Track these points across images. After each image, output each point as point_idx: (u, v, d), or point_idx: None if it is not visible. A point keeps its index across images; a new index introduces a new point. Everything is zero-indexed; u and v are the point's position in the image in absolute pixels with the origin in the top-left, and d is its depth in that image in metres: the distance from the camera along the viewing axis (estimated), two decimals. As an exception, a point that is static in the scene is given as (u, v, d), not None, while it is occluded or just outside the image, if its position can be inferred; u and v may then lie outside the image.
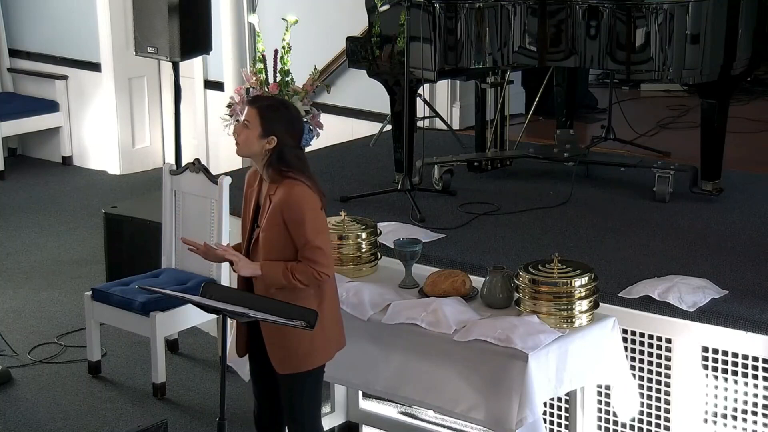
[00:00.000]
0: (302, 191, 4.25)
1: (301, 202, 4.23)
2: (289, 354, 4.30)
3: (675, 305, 4.89)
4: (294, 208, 4.23)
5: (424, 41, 6.29)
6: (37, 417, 5.71)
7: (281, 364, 4.32)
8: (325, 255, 4.27)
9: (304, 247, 4.23)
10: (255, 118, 4.27)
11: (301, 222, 4.22)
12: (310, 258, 4.23)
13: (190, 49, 7.29)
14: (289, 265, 4.23)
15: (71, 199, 9.03)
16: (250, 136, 4.27)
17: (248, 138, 4.28)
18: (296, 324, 4.04)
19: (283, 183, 4.26)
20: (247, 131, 4.27)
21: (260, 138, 4.26)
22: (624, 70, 6.24)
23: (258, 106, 4.29)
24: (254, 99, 4.42)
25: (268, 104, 4.32)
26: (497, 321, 4.47)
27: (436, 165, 6.63)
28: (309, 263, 4.23)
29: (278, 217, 4.24)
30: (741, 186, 6.52)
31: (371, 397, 5.53)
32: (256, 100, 4.38)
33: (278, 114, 4.30)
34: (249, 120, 4.27)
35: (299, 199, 4.23)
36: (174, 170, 6.22)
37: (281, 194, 4.24)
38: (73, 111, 9.85)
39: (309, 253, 4.23)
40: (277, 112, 4.30)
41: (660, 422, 5.02)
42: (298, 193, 4.24)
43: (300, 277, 4.23)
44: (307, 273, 4.23)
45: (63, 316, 6.86)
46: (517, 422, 4.29)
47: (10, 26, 10.10)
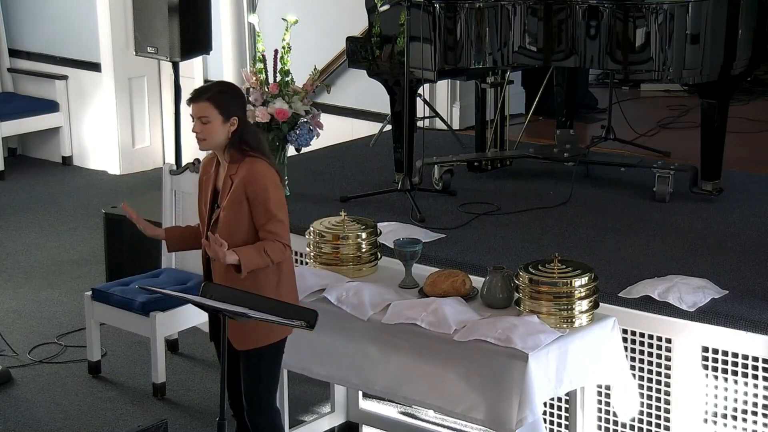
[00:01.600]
0: (264, 167, 4.36)
1: (265, 178, 4.34)
2: (247, 330, 4.35)
3: (675, 305, 4.89)
4: (258, 183, 4.32)
5: (424, 41, 6.29)
6: (37, 417, 5.71)
7: (240, 340, 4.39)
8: (287, 229, 4.38)
9: (268, 222, 4.32)
10: (209, 109, 4.31)
11: (266, 196, 4.32)
12: (274, 231, 4.32)
13: (190, 49, 7.29)
14: (259, 244, 4.31)
15: (71, 199, 9.03)
16: (213, 128, 4.33)
17: (212, 130, 4.33)
18: (296, 324, 4.04)
19: (244, 161, 4.35)
20: (208, 125, 4.32)
21: (223, 124, 4.33)
22: (624, 70, 6.24)
23: (206, 98, 4.32)
24: (197, 94, 4.38)
25: (216, 91, 4.36)
26: (497, 321, 4.47)
27: (436, 165, 6.63)
28: (275, 237, 4.32)
29: (241, 194, 4.32)
30: (741, 186, 6.52)
31: (371, 397, 5.53)
32: (199, 94, 4.37)
33: (229, 96, 4.39)
34: (204, 114, 4.32)
35: (263, 175, 4.33)
36: (174, 170, 6.22)
37: (244, 172, 4.32)
38: (73, 111, 9.86)
39: (273, 226, 4.32)
40: (227, 94, 4.38)
41: (660, 422, 5.02)
42: (261, 169, 4.34)
43: (271, 253, 4.31)
44: (275, 248, 4.32)
45: (63, 316, 6.86)
46: (517, 422, 4.29)
47: (10, 26, 10.10)
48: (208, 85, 4.48)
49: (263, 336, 4.42)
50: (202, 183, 4.53)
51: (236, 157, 4.37)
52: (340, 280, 4.88)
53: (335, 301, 4.73)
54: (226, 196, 4.36)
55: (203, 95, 4.34)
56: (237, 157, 4.37)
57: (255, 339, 4.42)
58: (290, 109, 6.33)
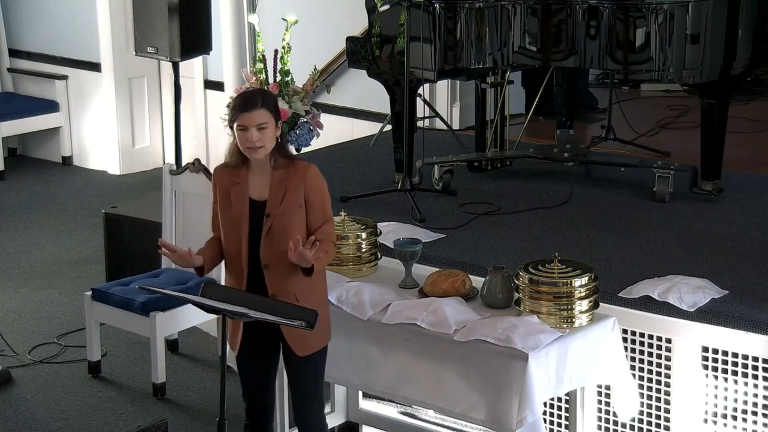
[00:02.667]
0: (318, 171, 4.36)
1: (321, 181, 4.36)
2: (308, 335, 4.33)
3: (675, 305, 4.89)
4: (317, 186, 4.33)
5: (424, 41, 6.29)
6: (37, 417, 5.72)
7: (303, 346, 4.37)
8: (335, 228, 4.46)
9: (325, 224, 4.34)
10: (267, 115, 4.25)
11: (324, 199, 4.35)
12: (329, 232, 4.36)
13: (190, 49, 7.29)
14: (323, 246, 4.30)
15: (71, 199, 9.03)
16: (270, 134, 4.26)
17: (270, 136, 4.26)
18: (296, 324, 4.04)
19: (294, 166, 4.32)
20: (266, 132, 4.24)
21: (275, 129, 4.29)
22: (624, 70, 6.24)
23: (262, 104, 4.24)
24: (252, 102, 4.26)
25: (264, 96, 4.31)
26: (497, 321, 4.47)
27: (436, 165, 6.63)
28: (330, 238, 4.35)
29: (300, 198, 4.28)
30: (741, 186, 6.52)
31: (371, 397, 5.53)
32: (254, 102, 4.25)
33: (273, 100, 4.35)
34: (264, 121, 4.23)
35: (320, 178, 4.35)
36: (174, 170, 6.22)
37: (300, 176, 4.29)
38: (73, 111, 9.86)
39: (328, 227, 4.35)
40: (271, 98, 4.34)
41: (660, 422, 5.02)
42: (317, 172, 4.34)
43: (330, 253, 4.37)
44: (331, 248, 4.38)
45: (63, 316, 6.87)
46: (517, 422, 4.29)
47: (10, 26, 10.10)
48: (254, 92, 4.36)
49: (322, 336, 4.42)
50: (229, 195, 4.35)
51: (283, 162, 4.31)
52: (340, 280, 4.88)
53: (335, 301, 4.73)
54: (280, 203, 4.28)
55: (258, 102, 4.24)
56: (284, 162, 4.31)
57: (317, 342, 4.41)
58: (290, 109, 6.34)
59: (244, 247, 4.33)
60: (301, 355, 4.40)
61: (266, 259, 4.31)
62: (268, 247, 4.31)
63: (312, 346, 4.41)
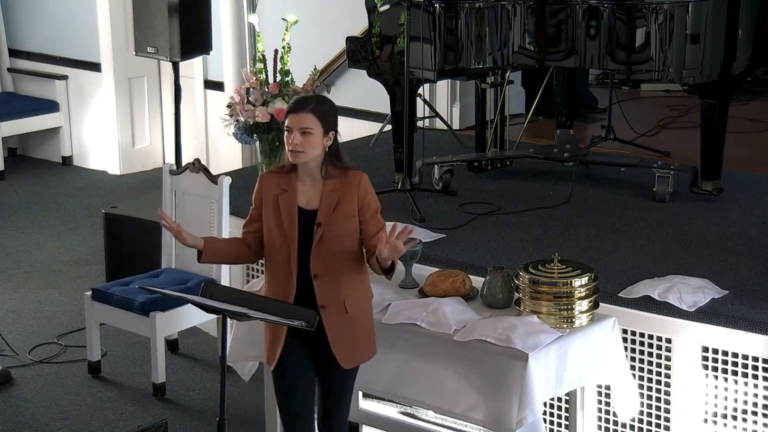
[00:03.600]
0: (368, 179, 4.30)
1: (372, 188, 4.31)
2: (357, 347, 4.31)
3: (675, 305, 4.89)
4: (371, 194, 4.28)
5: (424, 41, 6.29)
6: (37, 417, 5.71)
7: (349, 358, 4.30)
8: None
9: (381, 230, 4.25)
10: (313, 120, 4.18)
11: (377, 207, 4.30)
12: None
13: (190, 49, 7.29)
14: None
15: (71, 199, 9.03)
16: (314, 141, 4.19)
17: (313, 143, 4.19)
18: (296, 324, 4.04)
19: (346, 175, 4.26)
20: (308, 137, 4.18)
21: (322, 137, 4.21)
22: (624, 70, 6.24)
23: (309, 109, 4.18)
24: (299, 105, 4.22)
25: (317, 102, 4.24)
26: (497, 321, 4.47)
27: (436, 165, 6.63)
28: None
29: (353, 208, 4.23)
30: (741, 186, 6.52)
31: (371, 397, 5.53)
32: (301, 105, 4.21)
33: (328, 107, 4.27)
34: (308, 126, 4.17)
35: (371, 187, 4.30)
36: (174, 170, 6.22)
37: (353, 185, 4.24)
38: (73, 111, 9.86)
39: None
40: (326, 105, 4.26)
41: (660, 422, 5.02)
42: (368, 181, 4.30)
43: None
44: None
45: (63, 316, 6.86)
46: (517, 422, 4.29)
47: (10, 26, 10.10)
48: (307, 97, 4.32)
49: (368, 349, 4.37)
50: (277, 202, 4.27)
51: (335, 171, 4.24)
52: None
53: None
54: (332, 212, 4.21)
55: (306, 106, 4.19)
56: (336, 172, 4.24)
57: (362, 354, 4.35)
58: (290, 109, 6.33)
59: (294, 255, 4.23)
60: (347, 367, 4.32)
61: (316, 268, 4.22)
62: (318, 257, 4.22)
63: (357, 359, 4.34)
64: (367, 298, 4.37)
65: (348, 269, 4.26)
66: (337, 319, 4.25)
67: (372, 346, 4.40)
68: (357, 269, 4.30)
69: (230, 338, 4.85)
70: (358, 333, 4.31)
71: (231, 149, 8.69)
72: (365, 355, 4.37)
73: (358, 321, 4.30)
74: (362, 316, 4.31)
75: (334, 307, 4.24)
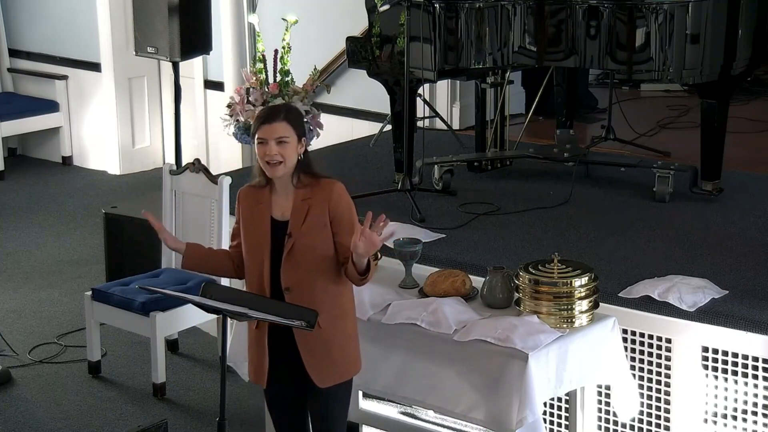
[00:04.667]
0: (343, 188, 4.17)
1: (348, 199, 4.17)
2: (332, 365, 4.16)
3: (675, 305, 4.89)
4: (344, 204, 4.13)
5: (424, 41, 6.29)
6: (37, 417, 5.71)
7: (324, 377, 4.14)
8: None
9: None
10: (287, 128, 4.08)
11: (351, 216, 4.14)
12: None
13: (190, 49, 7.29)
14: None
15: (71, 199, 9.03)
16: (290, 149, 4.09)
17: (290, 151, 4.08)
18: (296, 324, 4.04)
19: (319, 183, 4.13)
20: (285, 147, 4.07)
21: (296, 145, 4.11)
22: (624, 70, 6.24)
23: (282, 117, 4.09)
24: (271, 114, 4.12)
25: (286, 110, 4.15)
26: (497, 321, 4.47)
27: (436, 165, 6.63)
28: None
29: (325, 217, 4.09)
30: (741, 186, 6.52)
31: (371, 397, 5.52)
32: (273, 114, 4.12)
33: (298, 114, 4.17)
34: (284, 135, 4.07)
35: (346, 196, 4.16)
36: (174, 170, 6.22)
37: (324, 194, 4.11)
38: (73, 111, 9.86)
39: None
40: (296, 112, 4.17)
41: (660, 422, 5.02)
42: (342, 190, 4.15)
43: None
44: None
45: (63, 316, 6.86)
46: (517, 422, 4.29)
47: (10, 26, 10.10)
48: (275, 106, 4.20)
49: (347, 368, 4.21)
50: (252, 215, 4.18)
51: (307, 180, 4.12)
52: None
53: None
54: (302, 222, 4.08)
55: (278, 114, 4.07)
56: (308, 181, 4.12)
57: (339, 374, 4.18)
58: (290, 109, 6.33)
59: (266, 268, 4.14)
60: (322, 386, 4.15)
61: (287, 281, 4.11)
62: (289, 269, 4.10)
63: (334, 377, 4.16)
64: (345, 313, 4.19)
65: (321, 282, 4.11)
66: (309, 336, 4.09)
67: (353, 363, 4.23)
68: (332, 282, 4.14)
69: (230, 338, 4.85)
70: (334, 350, 4.14)
71: (231, 149, 8.69)
72: (344, 374, 4.18)
73: (334, 338, 4.13)
74: (339, 332, 4.15)
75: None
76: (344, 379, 4.21)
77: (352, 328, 4.23)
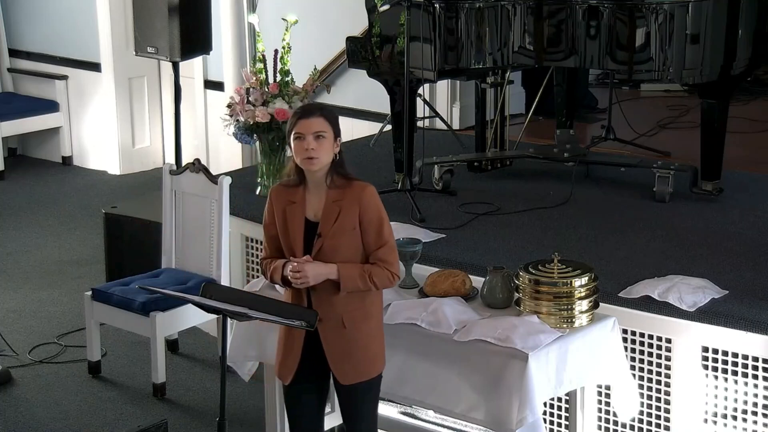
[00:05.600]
0: (375, 192, 4.19)
1: (379, 203, 4.18)
2: (354, 363, 4.20)
3: (675, 305, 4.89)
4: (373, 208, 4.15)
5: (424, 41, 6.29)
6: (37, 417, 5.71)
7: (345, 374, 4.20)
8: (397, 256, 4.22)
9: (380, 249, 4.15)
10: (324, 124, 4.12)
11: (381, 222, 4.15)
12: (385, 259, 4.15)
13: (190, 49, 7.29)
14: (366, 268, 4.13)
15: (71, 199, 9.03)
16: (327, 146, 4.12)
17: (327, 147, 4.12)
18: (296, 324, 4.04)
19: (351, 186, 4.16)
20: (322, 142, 4.11)
21: (333, 143, 4.14)
22: (624, 70, 6.24)
23: (320, 113, 4.12)
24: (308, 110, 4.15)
25: (323, 108, 4.18)
26: (497, 321, 4.47)
27: (436, 165, 6.63)
28: (385, 265, 4.15)
29: (354, 220, 4.12)
30: (741, 186, 6.52)
31: (371, 397, 5.53)
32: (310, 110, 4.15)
33: (333, 114, 4.20)
34: (322, 129, 4.10)
35: (377, 200, 4.18)
36: (174, 170, 6.22)
37: (355, 197, 4.13)
38: (73, 111, 9.86)
39: (384, 254, 4.15)
40: (332, 111, 4.20)
41: (660, 422, 5.02)
42: (374, 193, 4.18)
43: (376, 280, 4.14)
44: (383, 276, 4.15)
45: (63, 316, 6.86)
46: (517, 422, 4.28)
47: (10, 26, 10.10)
48: (311, 103, 4.24)
49: (371, 366, 4.25)
50: (285, 214, 4.19)
51: (340, 182, 4.16)
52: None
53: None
54: (332, 223, 4.12)
55: (315, 111, 4.12)
56: (341, 182, 4.16)
57: (364, 371, 4.23)
58: (290, 109, 6.33)
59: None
60: (345, 383, 4.22)
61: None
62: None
63: (356, 375, 4.21)
64: (370, 314, 4.24)
65: None
66: (334, 334, 4.17)
67: (375, 363, 4.27)
68: None
69: (230, 338, 4.85)
70: (357, 350, 4.19)
71: (231, 149, 8.69)
72: (365, 373, 4.23)
73: (357, 337, 4.18)
74: (363, 333, 4.19)
75: (331, 321, 4.16)
76: (365, 377, 4.24)
77: (377, 329, 4.28)
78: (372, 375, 4.27)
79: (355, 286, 4.14)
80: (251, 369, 5.02)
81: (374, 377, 4.28)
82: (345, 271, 4.12)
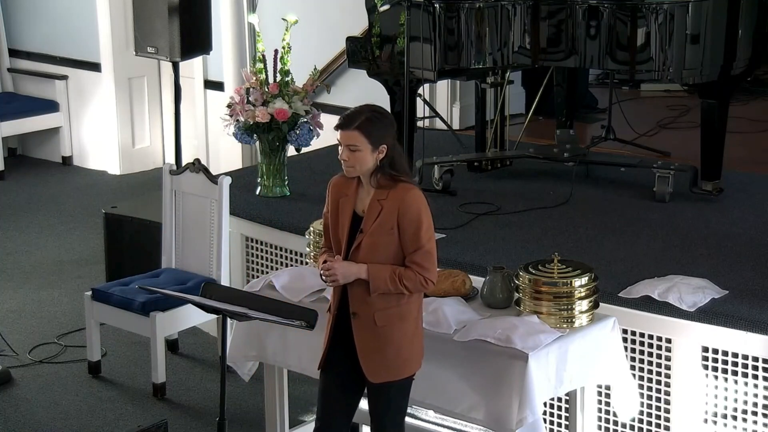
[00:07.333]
0: (419, 195, 4.17)
1: (420, 206, 4.16)
2: (385, 362, 4.19)
3: (675, 305, 4.89)
4: (413, 211, 4.13)
5: (424, 41, 6.29)
6: (37, 417, 5.71)
7: (377, 373, 4.19)
8: (434, 261, 4.19)
9: (416, 252, 4.13)
10: (359, 138, 4.11)
11: (419, 225, 4.14)
12: (420, 263, 4.13)
13: (190, 49, 7.29)
14: (397, 270, 4.13)
15: (71, 199, 9.03)
16: (363, 156, 4.12)
17: (362, 158, 4.12)
18: (296, 324, 4.04)
19: (396, 187, 4.15)
20: (357, 153, 4.12)
21: (372, 152, 4.13)
22: (624, 70, 6.24)
23: (355, 126, 4.11)
24: (345, 122, 4.15)
25: (365, 119, 4.14)
26: (497, 321, 4.47)
27: (436, 165, 6.63)
28: (418, 269, 4.13)
29: (393, 221, 4.12)
30: (741, 186, 6.52)
31: (371, 397, 5.52)
32: (347, 122, 4.15)
33: (379, 123, 4.15)
34: (354, 143, 4.11)
35: (418, 203, 4.15)
36: (174, 170, 6.22)
37: (397, 198, 4.13)
38: (73, 111, 9.86)
39: (420, 257, 4.13)
40: (376, 122, 4.15)
41: (660, 422, 5.02)
42: (416, 196, 4.16)
43: (407, 283, 4.13)
44: (415, 280, 4.13)
45: (63, 316, 6.86)
46: (517, 422, 4.28)
47: (10, 26, 10.10)
48: (357, 111, 4.19)
49: (402, 367, 4.24)
50: (338, 206, 4.24)
51: (385, 182, 4.15)
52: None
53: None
54: (373, 221, 4.13)
55: (352, 123, 4.11)
56: (386, 183, 4.15)
57: (395, 371, 4.22)
58: (290, 109, 6.33)
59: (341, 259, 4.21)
60: (374, 381, 4.21)
61: None
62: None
63: (386, 374, 4.20)
64: (407, 314, 4.21)
65: None
66: (366, 330, 4.17)
67: (408, 365, 4.24)
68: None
69: (230, 338, 4.85)
70: (389, 348, 4.18)
71: (231, 149, 8.69)
72: (396, 373, 4.21)
73: (391, 337, 4.17)
74: (397, 332, 4.18)
75: (364, 317, 4.17)
76: (395, 377, 4.23)
77: (414, 330, 4.25)
78: (401, 376, 4.24)
79: (384, 288, 4.13)
80: (251, 369, 5.02)
81: (404, 378, 4.25)
82: (375, 272, 4.13)
